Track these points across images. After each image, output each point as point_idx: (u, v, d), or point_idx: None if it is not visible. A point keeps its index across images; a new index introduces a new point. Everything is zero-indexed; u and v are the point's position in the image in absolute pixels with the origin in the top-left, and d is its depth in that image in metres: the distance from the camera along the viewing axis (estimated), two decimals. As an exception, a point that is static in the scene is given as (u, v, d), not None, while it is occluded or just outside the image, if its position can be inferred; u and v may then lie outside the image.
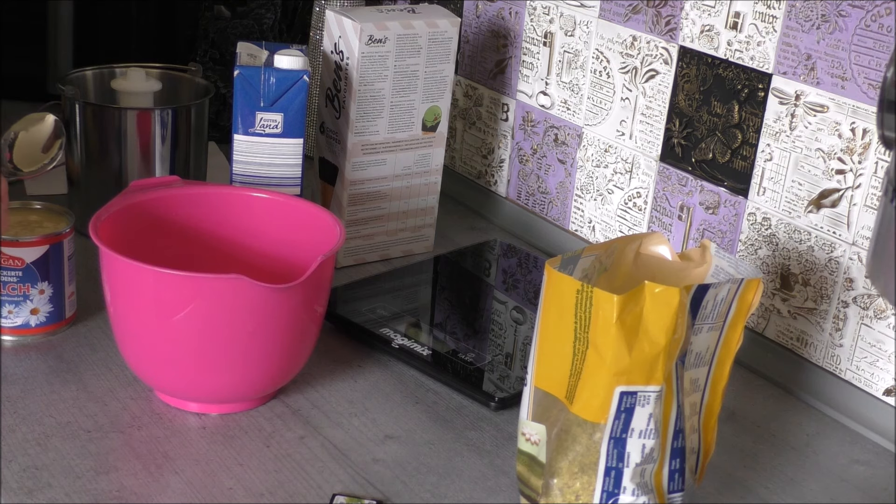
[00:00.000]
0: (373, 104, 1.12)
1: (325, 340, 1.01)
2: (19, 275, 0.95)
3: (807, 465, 0.92)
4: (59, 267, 0.97)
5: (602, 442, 0.72)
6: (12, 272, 0.95)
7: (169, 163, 1.16)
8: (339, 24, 1.10)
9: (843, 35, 0.94)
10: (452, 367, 0.98)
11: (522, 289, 1.17)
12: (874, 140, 0.94)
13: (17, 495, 0.79)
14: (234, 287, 0.84)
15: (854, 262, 0.97)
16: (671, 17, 1.09)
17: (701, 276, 0.81)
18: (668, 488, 0.75)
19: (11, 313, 0.96)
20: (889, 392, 0.96)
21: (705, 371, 0.78)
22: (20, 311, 0.96)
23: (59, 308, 0.98)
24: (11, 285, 0.96)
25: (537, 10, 1.24)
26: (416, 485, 0.85)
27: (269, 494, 0.82)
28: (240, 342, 0.86)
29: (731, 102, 1.05)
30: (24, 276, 0.95)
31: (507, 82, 1.30)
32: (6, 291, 0.96)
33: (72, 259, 0.98)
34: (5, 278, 0.95)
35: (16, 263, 0.95)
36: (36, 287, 0.96)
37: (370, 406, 0.94)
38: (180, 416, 0.90)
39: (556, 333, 0.73)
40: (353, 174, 1.14)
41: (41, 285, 0.96)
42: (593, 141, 1.20)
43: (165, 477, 0.83)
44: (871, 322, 0.96)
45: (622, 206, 1.18)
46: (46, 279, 0.97)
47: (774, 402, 1.01)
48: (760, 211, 1.04)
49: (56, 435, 0.86)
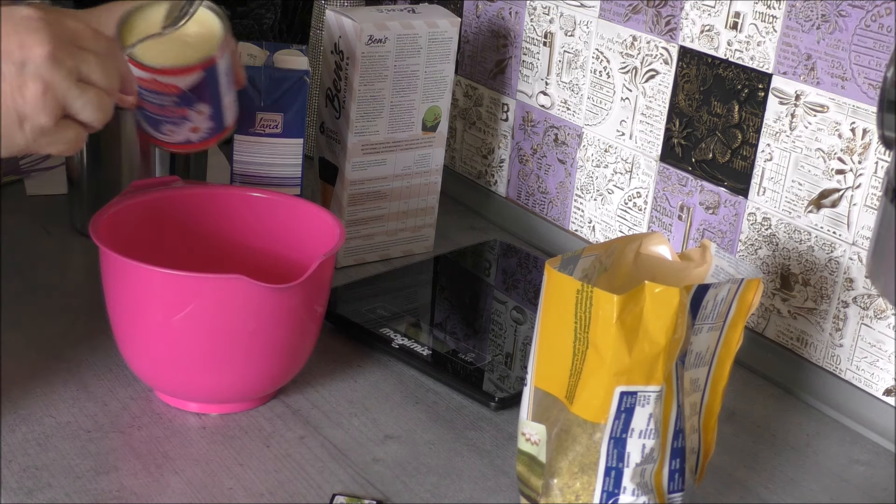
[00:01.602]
0: (373, 104, 1.12)
1: (325, 340, 1.01)
2: (176, 100, 0.91)
3: (807, 465, 0.92)
4: (216, 87, 0.93)
5: (602, 442, 0.72)
6: (168, 97, 0.91)
7: (169, 163, 1.16)
8: (339, 24, 1.10)
9: (843, 35, 0.94)
10: (452, 367, 0.98)
11: (522, 289, 1.17)
12: (874, 140, 0.94)
13: (17, 495, 0.79)
14: (234, 287, 0.84)
15: (854, 262, 0.97)
16: (671, 17, 1.09)
17: (701, 276, 0.81)
18: (668, 488, 0.75)
19: (172, 132, 0.93)
20: (889, 392, 0.96)
21: (705, 371, 0.78)
22: (180, 130, 0.93)
23: (218, 122, 0.94)
24: (170, 108, 0.91)
25: (537, 10, 1.24)
26: (416, 485, 0.85)
27: (269, 494, 0.82)
28: (240, 342, 0.86)
29: (731, 102, 1.05)
30: (180, 101, 0.91)
31: (507, 82, 1.30)
32: (164, 113, 0.91)
33: (228, 74, 0.94)
34: (162, 102, 0.91)
35: (171, 90, 0.90)
36: (194, 109, 0.92)
37: (370, 406, 0.94)
38: (180, 416, 0.90)
39: (556, 333, 0.73)
40: (353, 174, 1.14)
41: (199, 106, 0.92)
42: (593, 141, 1.20)
43: (165, 477, 0.83)
44: (871, 322, 0.96)
45: (622, 206, 1.18)
46: (204, 100, 0.92)
47: (774, 402, 1.01)
48: (760, 211, 1.04)
49: (56, 435, 0.86)
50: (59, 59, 0.70)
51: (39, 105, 0.69)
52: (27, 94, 0.69)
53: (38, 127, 0.70)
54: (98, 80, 0.74)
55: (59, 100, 0.71)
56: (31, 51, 0.69)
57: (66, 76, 0.71)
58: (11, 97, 0.68)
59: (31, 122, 0.70)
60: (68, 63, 0.71)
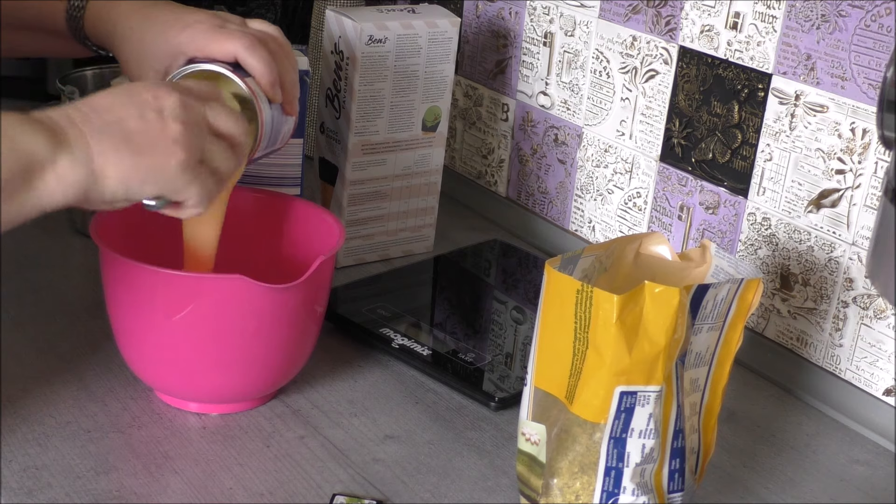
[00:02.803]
0: (373, 104, 1.12)
1: (325, 340, 1.01)
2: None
3: (807, 465, 0.92)
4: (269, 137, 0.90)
5: (602, 442, 0.72)
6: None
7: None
8: (339, 24, 1.10)
9: (843, 35, 0.94)
10: (452, 367, 0.98)
11: (522, 289, 1.17)
12: (874, 140, 0.94)
13: (17, 495, 0.79)
14: (234, 287, 0.84)
15: (854, 262, 0.97)
16: (671, 17, 1.09)
17: (701, 276, 0.81)
18: (668, 488, 0.75)
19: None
20: (889, 392, 0.96)
21: (705, 371, 0.78)
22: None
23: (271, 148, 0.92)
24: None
25: (537, 10, 1.24)
26: (416, 485, 0.85)
27: (269, 494, 0.82)
28: (240, 342, 0.86)
29: (731, 102, 1.05)
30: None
31: (507, 82, 1.30)
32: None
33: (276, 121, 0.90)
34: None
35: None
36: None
37: (370, 406, 0.94)
38: (180, 416, 0.90)
39: (556, 333, 0.73)
40: (353, 174, 1.14)
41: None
42: (593, 141, 1.20)
43: (165, 477, 0.83)
44: (871, 322, 0.96)
45: (622, 206, 1.18)
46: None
47: (774, 402, 1.01)
48: (760, 211, 1.04)
49: (56, 435, 0.86)
50: (189, 104, 0.76)
51: (183, 140, 0.74)
52: (170, 133, 0.74)
53: (181, 162, 0.74)
54: (224, 127, 0.79)
55: (198, 140, 0.76)
56: (165, 100, 0.75)
57: (200, 120, 0.77)
58: (156, 139, 0.74)
59: (178, 158, 0.74)
60: (198, 108, 0.77)
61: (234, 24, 0.89)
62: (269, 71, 0.87)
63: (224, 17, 0.90)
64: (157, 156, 0.74)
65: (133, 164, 0.73)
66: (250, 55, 0.86)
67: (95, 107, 0.74)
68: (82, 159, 0.71)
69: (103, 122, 0.73)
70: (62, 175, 0.70)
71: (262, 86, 0.86)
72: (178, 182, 0.75)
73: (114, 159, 0.72)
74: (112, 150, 0.72)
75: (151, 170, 0.73)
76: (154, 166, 0.74)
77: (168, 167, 0.74)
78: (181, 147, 0.74)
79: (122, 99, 0.74)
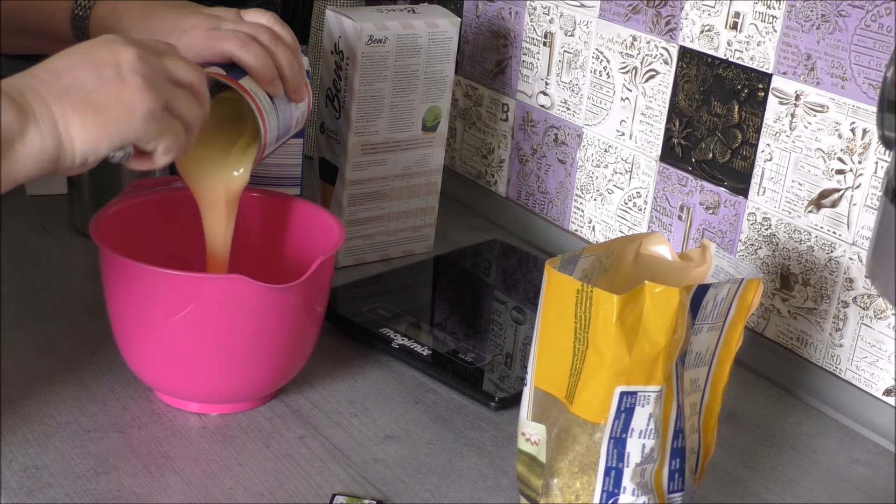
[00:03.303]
0: (373, 104, 1.12)
1: (325, 340, 1.01)
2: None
3: (806, 465, 0.92)
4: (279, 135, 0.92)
5: (602, 442, 0.72)
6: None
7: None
8: (339, 24, 1.10)
9: (843, 35, 0.94)
10: (452, 367, 0.98)
11: (522, 289, 1.17)
12: (874, 140, 0.94)
13: (17, 495, 0.79)
14: (234, 287, 0.84)
15: (854, 262, 0.97)
16: (671, 17, 1.09)
17: (701, 276, 0.81)
18: (668, 488, 0.75)
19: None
20: (889, 392, 0.96)
21: (705, 371, 0.78)
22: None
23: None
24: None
25: (537, 10, 1.24)
26: (416, 485, 0.85)
27: (269, 494, 0.82)
28: (240, 342, 0.86)
29: (731, 102, 1.05)
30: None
31: (507, 82, 1.30)
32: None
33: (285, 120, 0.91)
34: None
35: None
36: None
37: (370, 406, 0.94)
38: (180, 416, 0.90)
39: (556, 333, 0.73)
40: (353, 174, 1.14)
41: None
42: (593, 141, 1.20)
43: (165, 477, 0.83)
44: (871, 322, 0.96)
45: (622, 206, 1.18)
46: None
47: (774, 402, 1.01)
48: (760, 211, 1.04)
49: (56, 435, 0.86)
50: (147, 58, 0.75)
51: (143, 93, 0.74)
52: (129, 88, 0.74)
53: (146, 113, 0.74)
54: (185, 76, 0.78)
55: (159, 90, 0.75)
56: (122, 55, 0.74)
57: (159, 72, 0.76)
58: (116, 95, 0.73)
59: (140, 110, 0.74)
60: (156, 62, 0.76)
61: (229, 20, 0.89)
62: (264, 67, 0.86)
63: (219, 16, 0.90)
64: (120, 110, 0.73)
65: (96, 122, 0.72)
66: (244, 54, 0.86)
67: (54, 70, 0.73)
68: (48, 127, 0.71)
69: (62, 85, 0.72)
70: (30, 146, 0.71)
71: (260, 82, 0.87)
72: (146, 132, 0.74)
73: (77, 121, 0.72)
74: (74, 113, 0.72)
75: (116, 125, 0.73)
76: (118, 121, 0.73)
77: (133, 119, 0.74)
78: (143, 98, 0.74)
79: (79, 59, 0.74)
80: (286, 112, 0.89)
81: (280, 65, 0.88)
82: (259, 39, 0.88)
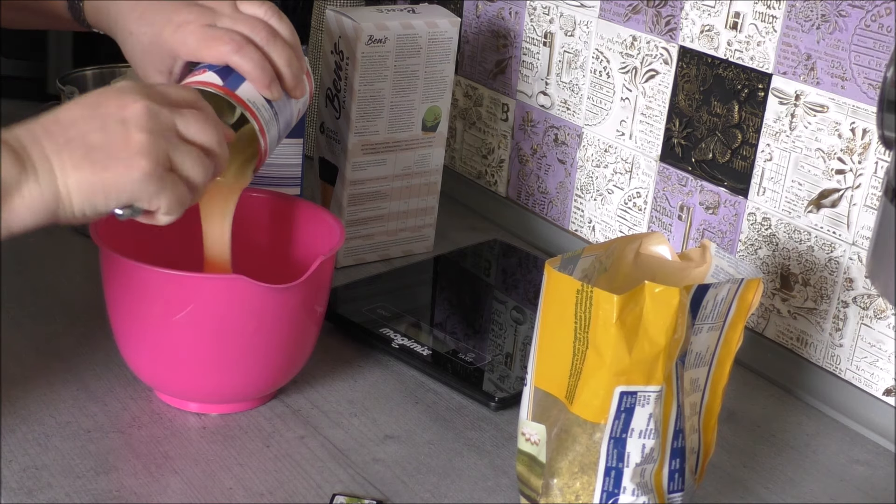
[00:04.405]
0: (373, 104, 1.12)
1: (325, 340, 1.01)
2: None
3: (806, 465, 0.92)
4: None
5: (602, 442, 0.72)
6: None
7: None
8: (339, 24, 1.10)
9: (843, 35, 0.94)
10: (452, 367, 0.98)
11: (522, 289, 1.17)
12: (874, 140, 0.94)
13: (17, 495, 0.79)
14: (234, 287, 0.84)
15: (854, 262, 0.97)
16: (671, 17, 1.09)
17: (701, 276, 0.81)
18: (668, 488, 0.75)
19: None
20: (889, 392, 0.96)
21: (705, 371, 0.78)
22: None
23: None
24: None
25: (537, 10, 1.24)
26: (416, 485, 0.85)
27: (269, 494, 0.82)
28: (240, 342, 0.86)
29: (731, 102, 1.05)
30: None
31: (507, 82, 1.30)
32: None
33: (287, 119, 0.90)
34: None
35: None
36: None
37: (370, 406, 0.94)
38: (180, 416, 0.90)
39: (556, 333, 0.73)
40: (353, 174, 1.14)
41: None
42: (593, 141, 1.20)
43: (165, 477, 0.83)
44: (871, 322, 0.96)
45: (622, 206, 1.18)
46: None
47: (774, 402, 1.01)
48: (760, 211, 1.04)
49: (56, 435, 0.86)
50: (157, 113, 0.74)
51: (146, 150, 0.73)
52: (133, 143, 0.72)
53: (145, 174, 0.73)
54: (195, 135, 0.77)
55: (164, 148, 0.74)
56: (129, 109, 0.73)
57: (166, 127, 0.75)
58: (117, 153, 0.72)
59: (139, 170, 0.73)
60: (165, 116, 0.75)
61: (225, 14, 0.87)
62: (261, 71, 0.85)
63: (214, 10, 0.87)
64: (119, 168, 0.72)
65: (94, 180, 0.72)
66: (240, 59, 0.84)
67: (60, 121, 0.73)
68: (46, 181, 0.70)
69: (66, 137, 0.72)
70: (28, 199, 0.70)
71: (258, 87, 0.86)
72: (144, 192, 0.73)
73: (75, 177, 0.71)
74: (73, 168, 0.71)
75: (114, 184, 0.72)
76: (115, 180, 0.72)
77: (131, 179, 0.72)
78: (144, 157, 0.72)
79: (86, 111, 0.73)
80: (286, 111, 0.89)
81: (277, 65, 0.87)
82: (255, 40, 0.86)
